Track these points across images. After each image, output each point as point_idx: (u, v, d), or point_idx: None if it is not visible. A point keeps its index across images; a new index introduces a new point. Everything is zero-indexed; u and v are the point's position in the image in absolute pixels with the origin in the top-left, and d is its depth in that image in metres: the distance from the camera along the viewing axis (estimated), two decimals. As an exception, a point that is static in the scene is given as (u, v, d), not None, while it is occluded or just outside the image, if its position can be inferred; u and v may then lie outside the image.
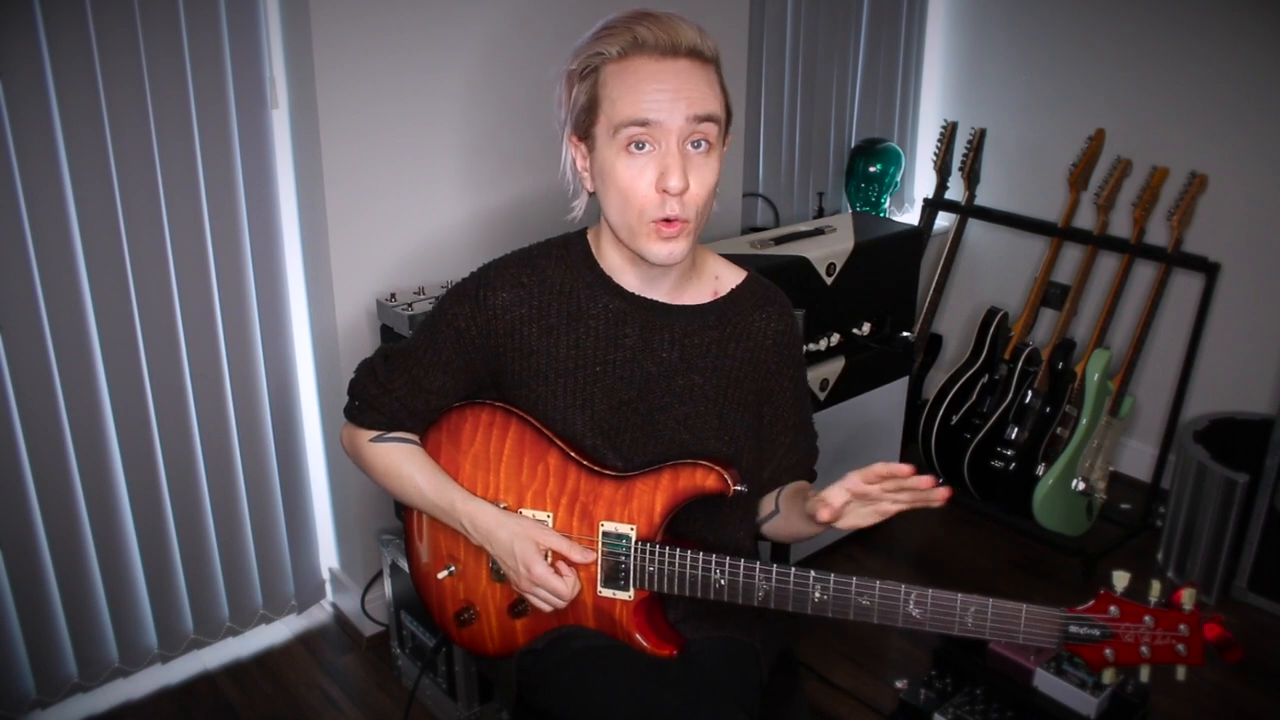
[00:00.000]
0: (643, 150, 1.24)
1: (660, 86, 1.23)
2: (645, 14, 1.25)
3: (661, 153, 1.24)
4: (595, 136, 1.28)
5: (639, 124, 1.23)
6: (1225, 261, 2.82)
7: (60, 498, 2.12)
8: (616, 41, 1.24)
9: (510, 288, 1.39)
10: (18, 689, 2.18)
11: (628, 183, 1.25)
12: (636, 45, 1.23)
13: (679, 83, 1.23)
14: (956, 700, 2.14)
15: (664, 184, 1.24)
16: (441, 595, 1.51)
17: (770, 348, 1.44)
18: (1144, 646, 1.18)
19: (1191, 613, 1.16)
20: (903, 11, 3.43)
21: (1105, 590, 1.20)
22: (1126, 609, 1.18)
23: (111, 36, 1.92)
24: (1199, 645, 1.16)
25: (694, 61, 1.25)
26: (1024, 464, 2.87)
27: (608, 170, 1.27)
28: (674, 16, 1.25)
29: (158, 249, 2.09)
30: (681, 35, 1.23)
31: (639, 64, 1.24)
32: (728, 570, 1.31)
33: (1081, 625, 1.19)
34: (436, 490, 1.42)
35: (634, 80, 1.23)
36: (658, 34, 1.23)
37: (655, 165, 1.24)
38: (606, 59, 1.25)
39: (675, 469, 1.35)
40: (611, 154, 1.26)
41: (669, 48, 1.23)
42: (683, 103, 1.23)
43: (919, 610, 1.24)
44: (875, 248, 2.68)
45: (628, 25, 1.24)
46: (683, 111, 1.23)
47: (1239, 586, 2.72)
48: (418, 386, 1.43)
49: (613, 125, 1.24)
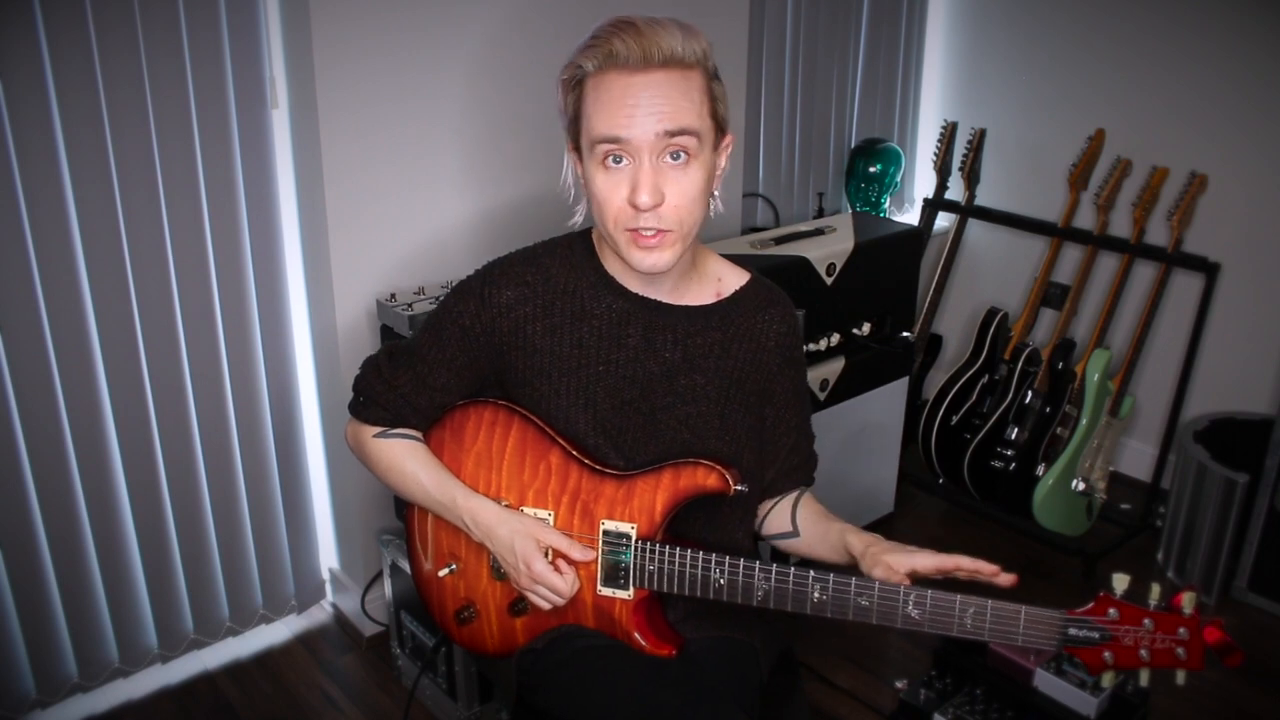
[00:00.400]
0: (619, 164, 1.25)
1: (631, 103, 1.22)
2: (626, 23, 1.22)
3: (634, 167, 1.24)
4: (581, 148, 1.29)
5: (610, 141, 1.23)
6: (1225, 261, 2.82)
7: (60, 498, 2.12)
8: (595, 54, 1.23)
9: (515, 286, 1.39)
10: (18, 689, 2.18)
11: (603, 195, 1.26)
12: (611, 58, 1.22)
13: (651, 96, 1.22)
14: (956, 700, 2.14)
15: (634, 199, 1.24)
16: (442, 593, 1.51)
17: (773, 349, 1.45)
18: (1143, 650, 1.17)
19: (1191, 616, 1.16)
20: (903, 11, 3.43)
21: (1105, 593, 1.19)
22: (1126, 612, 1.17)
23: (111, 36, 1.92)
24: (1199, 649, 1.15)
25: (670, 71, 1.22)
26: (1024, 464, 2.87)
27: (589, 181, 1.28)
28: (656, 24, 1.23)
29: (158, 249, 2.09)
30: (657, 45, 1.21)
31: (612, 79, 1.23)
32: (727, 570, 1.31)
33: (1080, 628, 1.18)
34: (439, 486, 1.43)
35: (607, 96, 1.23)
36: (631, 46, 1.20)
37: (629, 179, 1.25)
38: (587, 72, 1.24)
39: (676, 468, 1.35)
40: (592, 167, 1.27)
41: (640, 60, 1.21)
42: (652, 118, 1.22)
43: (918, 611, 1.24)
44: (875, 248, 2.68)
45: (607, 37, 1.22)
46: (652, 127, 1.22)
47: (1239, 587, 2.72)
48: (422, 383, 1.43)
49: (590, 140, 1.25)
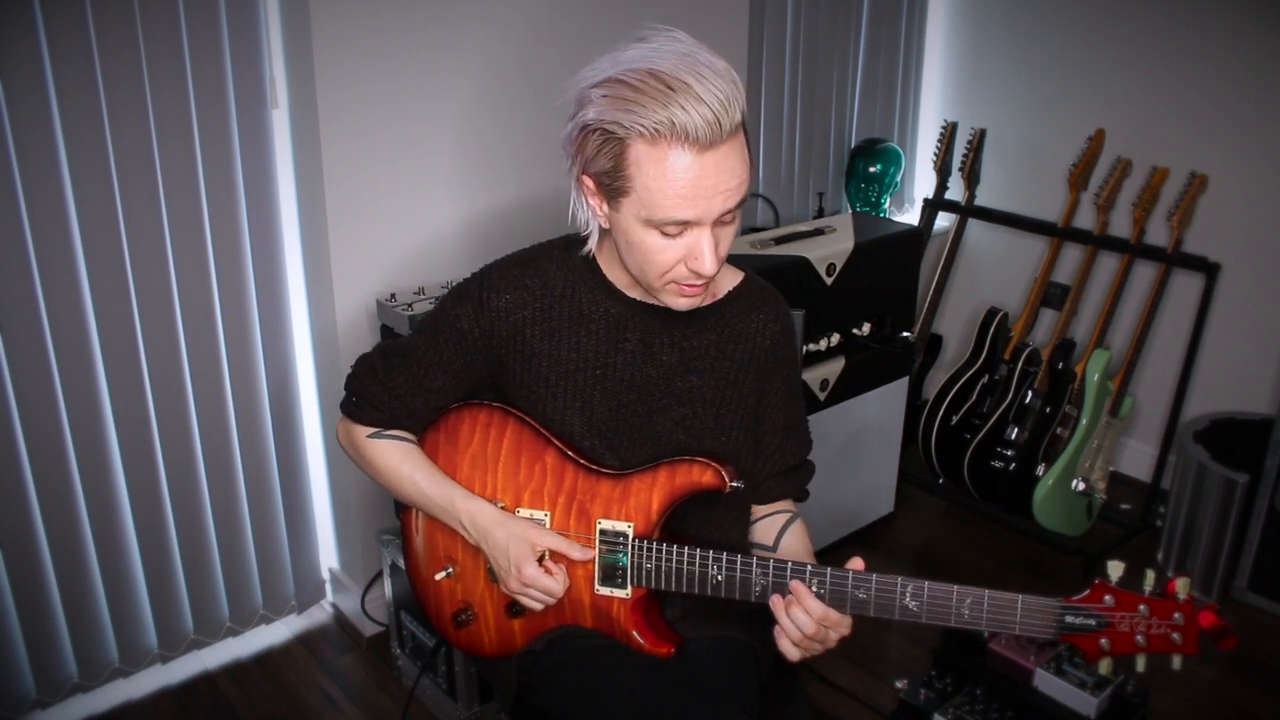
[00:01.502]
0: (675, 235, 1.23)
1: (705, 185, 1.17)
2: (679, 83, 1.13)
3: (694, 237, 1.22)
4: (620, 204, 1.23)
5: (679, 224, 1.20)
6: (1225, 261, 2.82)
7: (60, 498, 2.12)
8: (648, 116, 1.14)
9: (513, 290, 1.39)
10: (18, 689, 2.18)
11: (655, 257, 1.25)
12: (673, 131, 1.14)
13: (719, 177, 1.17)
14: (956, 700, 2.14)
15: (695, 266, 1.24)
16: (439, 597, 1.51)
17: (768, 348, 1.45)
18: (1140, 636, 1.18)
19: (1186, 601, 1.17)
20: (903, 11, 3.42)
21: (1100, 580, 1.20)
22: (1122, 598, 1.18)
23: (111, 36, 1.92)
24: (1194, 633, 1.16)
25: (734, 139, 1.17)
26: (1024, 464, 2.87)
27: (634, 239, 1.24)
28: (708, 79, 1.14)
29: (158, 249, 2.09)
30: (725, 118, 1.14)
31: (676, 156, 1.15)
32: (725, 566, 1.31)
33: (1077, 615, 1.19)
34: (436, 488, 1.42)
35: (674, 176, 1.16)
36: (697, 120, 1.13)
37: (685, 246, 1.23)
38: (636, 134, 1.16)
39: (672, 466, 1.35)
40: (639, 229, 1.23)
41: (709, 140, 1.14)
42: (721, 197, 1.19)
43: (915, 603, 1.24)
44: (875, 248, 2.68)
45: (662, 98, 1.13)
46: (720, 207, 1.20)
47: (1239, 586, 2.72)
48: (418, 385, 1.43)
49: (646, 215, 1.21)
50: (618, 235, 1.29)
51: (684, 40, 1.19)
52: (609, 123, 1.18)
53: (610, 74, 1.18)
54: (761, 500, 1.52)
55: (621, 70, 1.17)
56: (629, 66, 1.17)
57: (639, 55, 1.18)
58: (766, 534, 1.50)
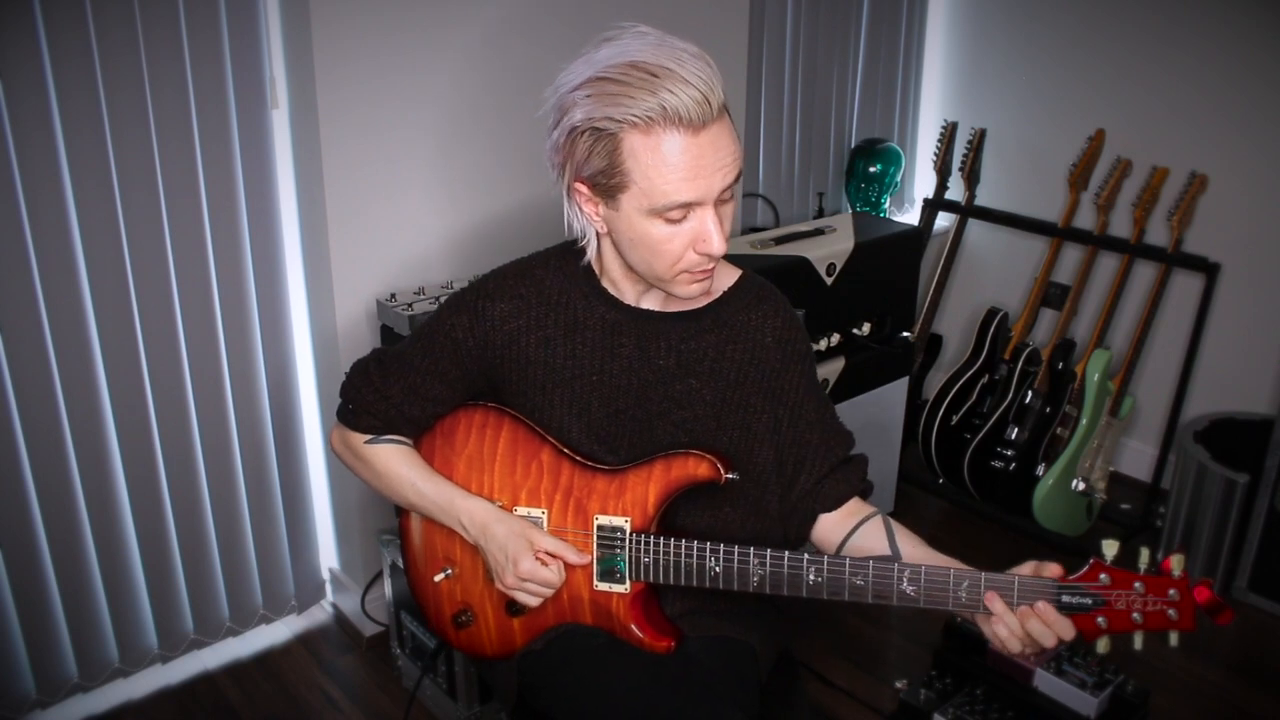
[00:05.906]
0: (683, 219, 1.23)
1: (703, 164, 1.18)
2: (663, 70, 1.15)
3: (698, 219, 1.23)
4: (619, 202, 1.24)
5: (684, 206, 1.21)
6: (1225, 261, 2.82)
7: (60, 498, 2.12)
8: (638, 106, 1.15)
9: (509, 299, 1.39)
10: (18, 689, 2.18)
11: (664, 247, 1.25)
12: (665, 115, 1.15)
13: (715, 155, 1.19)
14: (956, 700, 2.14)
15: (704, 249, 1.24)
16: (438, 598, 1.51)
17: (771, 345, 1.43)
18: (1136, 613, 1.18)
19: (1181, 578, 1.17)
20: (903, 11, 3.43)
21: (1096, 559, 1.21)
22: (1117, 576, 1.19)
23: (111, 36, 1.92)
24: (1190, 609, 1.16)
25: (722, 118, 1.19)
26: (1024, 464, 2.87)
27: (637, 234, 1.25)
28: (690, 65, 1.16)
29: (158, 249, 2.09)
30: (712, 96, 1.16)
31: (671, 140, 1.17)
32: (722, 557, 1.31)
33: (1074, 594, 1.20)
34: (434, 488, 1.43)
35: (673, 160, 1.18)
36: (687, 102, 1.15)
37: (690, 230, 1.24)
38: (629, 126, 1.17)
39: (667, 459, 1.35)
40: (643, 222, 1.24)
41: (700, 118, 1.16)
42: (719, 174, 1.21)
43: (913, 587, 1.25)
44: (875, 248, 2.68)
45: (649, 86, 1.15)
46: (720, 184, 1.21)
47: (1239, 587, 2.71)
48: (414, 393, 1.43)
49: (648, 205, 1.21)
50: (619, 234, 1.28)
51: (652, 32, 1.20)
52: (599, 120, 1.18)
53: (589, 74, 1.19)
54: (827, 505, 1.45)
55: (601, 69, 1.18)
56: (607, 64, 1.18)
57: (614, 52, 1.19)
58: (874, 542, 1.40)
